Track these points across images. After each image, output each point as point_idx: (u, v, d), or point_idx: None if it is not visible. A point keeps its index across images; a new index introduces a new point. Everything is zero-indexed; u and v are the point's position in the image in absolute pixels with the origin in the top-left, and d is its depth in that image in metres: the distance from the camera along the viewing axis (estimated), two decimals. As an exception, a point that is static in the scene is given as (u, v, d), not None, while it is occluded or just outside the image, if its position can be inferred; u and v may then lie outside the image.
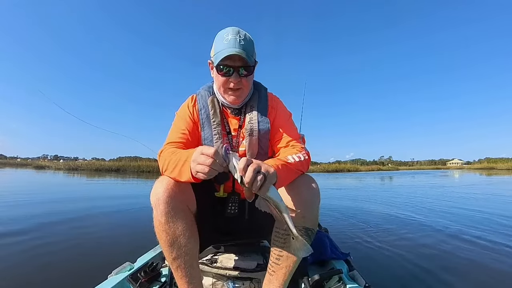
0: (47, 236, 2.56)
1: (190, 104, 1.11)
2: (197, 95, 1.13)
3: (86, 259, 1.97)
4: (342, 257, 1.40)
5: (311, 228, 0.90)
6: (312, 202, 0.88)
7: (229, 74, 0.98)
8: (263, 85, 1.19)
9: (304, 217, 0.88)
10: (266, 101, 1.13)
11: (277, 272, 0.94)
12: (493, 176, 18.06)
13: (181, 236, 0.88)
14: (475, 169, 51.42)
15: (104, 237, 2.63)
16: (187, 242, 0.90)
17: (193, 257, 0.93)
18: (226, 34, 0.96)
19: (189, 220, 0.92)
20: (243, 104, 1.11)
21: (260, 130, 1.06)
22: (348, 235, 2.78)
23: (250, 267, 1.24)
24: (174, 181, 0.87)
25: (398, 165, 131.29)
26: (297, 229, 0.80)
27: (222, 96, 1.06)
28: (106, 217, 3.64)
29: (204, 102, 1.10)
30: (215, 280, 1.26)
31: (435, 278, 1.72)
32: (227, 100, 1.06)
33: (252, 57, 1.00)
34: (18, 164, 44.29)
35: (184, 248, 0.89)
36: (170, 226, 0.87)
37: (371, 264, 1.94)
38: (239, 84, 1.00)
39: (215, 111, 1.08)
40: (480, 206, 4.78)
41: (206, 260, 1.30)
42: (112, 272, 1.17)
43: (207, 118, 1.07)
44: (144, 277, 1.16)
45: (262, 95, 1.14)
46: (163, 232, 0.88)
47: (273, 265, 0.95)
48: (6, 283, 1.57)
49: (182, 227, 0.88)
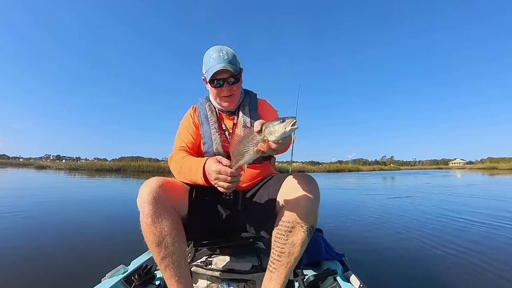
0: (39, 239, 2.56)
1: (191, 112, 1.30)
2: (197, 104, 1.32)
3: (79, 262, 1.97)
4: (337, 257, 1.40)
5: (311, 225, 0.95)
6: (312, 201, 0.93)
7: (220, 85, 1.16)
8: (252, 92, 1.38)
9: (305, 215, 0.92)
10: (256, 101, 1.31)
11: (278, 269, 0.96)
12: (495, 176, 17.96)
13: (167, 236, 0.93)
14: (477, 169, 51.16)
15: (98, 240, 2.61)
16: (174, 241, 0.94)
17: (180, 256, 0.96)
18: (211, 53, 1.15)
19: (175, 220, 0.96)
20: (237, 106, 1.27)
21: (252, 122, 1.20)
22: (343, 236, 2.78)
23: (245, 268, 1.24)
24: (158, 183, 0.94)
25: (400, 165, 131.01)
26: (299, 226, 0.93)
27: (219, 103, 1.24)
28: (99, 219, 3.61)
29: (202, 107, 1.28)
30: (210, 282, 1.26)
31: (430, 279, 1.72)
32: (223, 106, 1.23)
33: (236, 66, 1.17)
34: (20, 164, 44.45)
35: (171, 248, 0.93)
36: (156, 226, 0.92)
37: (366, 265, 1.94)
38: (231, 91, 1.18)
39: (212, 112, 1.26)
40: (480, 206, 4.76)
41: (201, 263, 1.30)
42: (105, 275, 1.16)
43: (205, 118, 1.24)
44: (138, 280, 1.16)
45: (252, 97, 1.32)
46: (150, 233, 0.92)
47: (274, 262, 0.97)
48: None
49: (168, 227, 0.93)
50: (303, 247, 0.96)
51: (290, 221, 0.93)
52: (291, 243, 0.94)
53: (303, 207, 0.92)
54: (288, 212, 0.94)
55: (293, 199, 0.95)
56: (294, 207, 0.94)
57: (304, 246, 0.96)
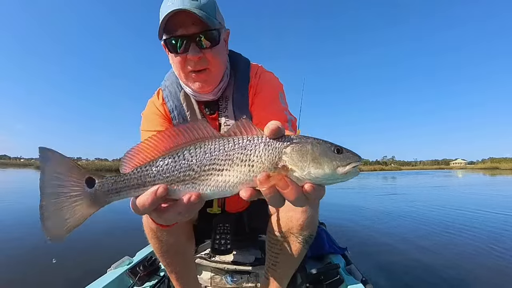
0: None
1: (157, 104, 0.84)
2: (163, 90, 0.84)
3: (85, 253, 2.00)
4: (339, 251, 1.40)
5: (309, 235, 0.81)
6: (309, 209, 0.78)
7: (183, 47, 0.68)
8: (243, 58, 0.86)
9: (301, 225, 0.77)
10: (247, 84, 0.82)
11: (274, 278, 0.88)
12: (496, 176, 17.89)
13: (175, 244, 0.80)
14: (479, 169, 51.01)
15: (103, 232, 2.64)
16: (183, 248, 0.83)
17: (188, 261, 0.87)
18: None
19: (186, 225, 0.84)
20: (219, 94, 0.81)
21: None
22: (346, 230, 2.79)
23: (248, 261, 1.25)
24: None
25: (401, 165, 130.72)
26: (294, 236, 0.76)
27: (186, 84, 0.77)
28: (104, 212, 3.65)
29: (176, 100, 0.81)
30: (213, 274, 1.26)
31: (430, 273, 1.73)
32: (193, 90, 0.76)
33: (214, 18, 0.70)
34: (20, 164, 44.59)
35: (179, 255, 0.83)
36: (163, 234, 0.76)
37: (369, 259, 1.95)
38: (203, 61, 0.71)
39: (192, 111, 0.81)
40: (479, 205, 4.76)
41: (205, 255, 1.31)
42: (111, 266, 1.17)
43: (180, 115, 0.81)
44: (143, 271, 1.17)
45: (240, 76, 0.82)
46: (155, 239, 0.78)
47: (269, 270, 0.89)
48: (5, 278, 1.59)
49: (177, 233, 0.78)
50: (299, 258, 0.83)
51: (283, 230, 0.79)
52: (285, 254, 0.81)
53: (299, 216, 0.75)
54: (282, 220, 0.79)
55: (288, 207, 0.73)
56: (288, 215, 0.77)
57: (301, 257, 0.83)
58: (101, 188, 0.37)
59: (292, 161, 0.36)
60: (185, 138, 0.39)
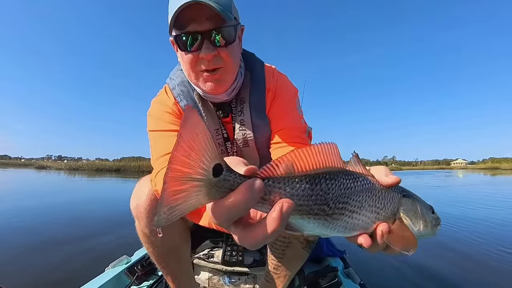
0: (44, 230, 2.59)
1: (169, 101, 0.77)
2: (172, 89, 0.77)
3: (83, 252, 1.99)
4: (338, 254, 1.40)
5: (313, 240, 0.82)
6: None
7: (196, 45, 0.63)
8: (257, 58, 0.81)
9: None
10: (263, 86, 0.77)
11: (275, 280, 0.88)
12: (497, 176, 17.88)
13: (171, 248, 0.78)
14: (479, 169, 50.96)
15: (101, 230, 2.64)
16: (178, 251, 0.82)
17: (184, 264, 0.86)
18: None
19: (181, 227, 0.82)
20: (233, 95, 0.76)
21: (256, 137, 0.76)
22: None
23: (246, 262, 1.25)
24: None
25: (401, 165, 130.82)
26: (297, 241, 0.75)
27: (196, 85, 0.72)
28: (102, 210, 3.68)
29: (190, 100, 0.76)
30: (211, 274, 1.26)
31: (428, 277, 1.72)
32: (205, 91, 0.71)
33: (230, 12, 0.63)
34: (21, 164, 44.75)
35: (174, 258, 0.82)
36: (157, 238, 0.73)
37: (367, 262, 1.94)
38: (217, 60, 0.65)
39: (211, 114, 0.76)
40: (478, 204, 4.75)
41: (203, 255, 1.31)
42: (109, 265, 1.18)
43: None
44: (141, 271, 1.17)
45: (256, 77, 0.77)
46: (149, 244, 0.76)
47: (270, 274, 0.88)
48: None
49: (172, 237, 0.76)
50: (301, 262, 0.85)
51: (287, 236, 0.76)
52: (288, 258, 0.82)
53: None
54: None
55: None
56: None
57: (303, 261, 0.85)
58: (224, 182, 0.28)
59: (407, 215, 0.36)
60: (317, 161, 0.30)
